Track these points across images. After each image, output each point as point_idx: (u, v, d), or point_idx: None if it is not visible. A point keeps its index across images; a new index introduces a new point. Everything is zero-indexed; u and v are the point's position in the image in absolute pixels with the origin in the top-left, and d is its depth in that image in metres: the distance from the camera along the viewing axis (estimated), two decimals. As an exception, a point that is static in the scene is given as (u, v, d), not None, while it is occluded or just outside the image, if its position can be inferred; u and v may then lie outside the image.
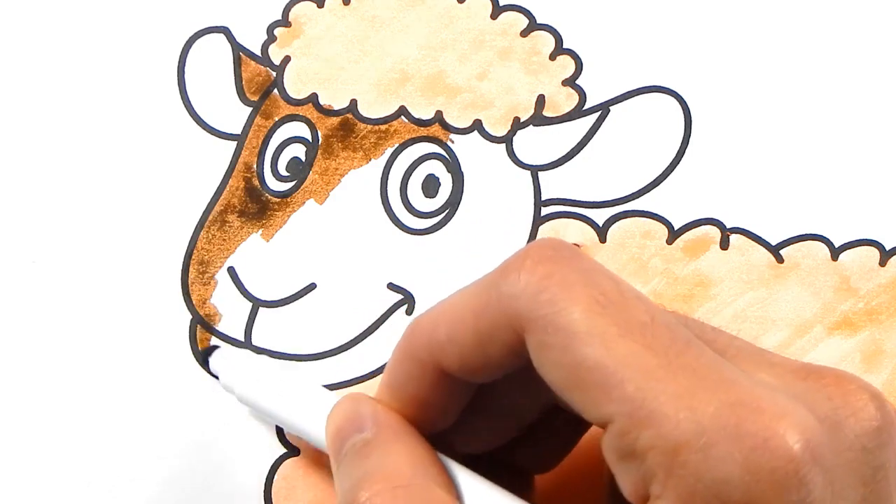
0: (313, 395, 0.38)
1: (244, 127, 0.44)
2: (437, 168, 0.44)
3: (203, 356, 0.43)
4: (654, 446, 0.25)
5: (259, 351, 0.43)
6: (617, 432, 0.26)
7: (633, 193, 0.44)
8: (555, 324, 0.26)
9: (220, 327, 0.43)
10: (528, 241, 0.44)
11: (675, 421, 0.25)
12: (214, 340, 0.43)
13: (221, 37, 0.44)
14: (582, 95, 0.44)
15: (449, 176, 0.44)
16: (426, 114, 0.44)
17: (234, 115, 0.44)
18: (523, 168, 0.44)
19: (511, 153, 0.44)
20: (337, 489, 0.31)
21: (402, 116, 0.44)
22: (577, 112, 0.44)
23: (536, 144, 0.44)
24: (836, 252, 0.44)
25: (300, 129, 0.44)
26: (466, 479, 0.30)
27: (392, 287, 0.43)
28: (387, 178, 0.44)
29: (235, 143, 0.44)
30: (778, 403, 0.25)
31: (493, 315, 0.28)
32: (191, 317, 0.43)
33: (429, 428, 0.31)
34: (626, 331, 0.26)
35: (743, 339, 0.30)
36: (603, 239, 0.44)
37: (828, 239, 0.44)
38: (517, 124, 0.44)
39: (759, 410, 0.25)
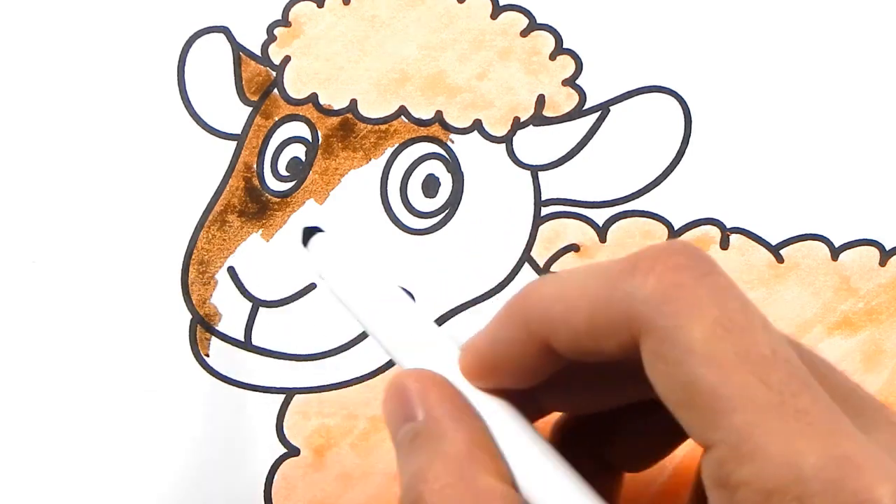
0: (405, 317, 0.34)
1: (244, 127, 0.44)
2: (437, 168, 0.44)
3: (304, 235, 0.38)
4: (750, 483, 0.25)
5: (259, 351, 0.43)
6: (717, 459, 0.25)
7: (633, 193, 0.44)
8: (674, 338, 0.26)
9: (220, 327, 0.43)
10: (528, 241, 0.44)
11: (777, 463, 0.24)
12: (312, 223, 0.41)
13: (221, 37, 0.44)
14: (582, 95, 0.44)
15: (449, 176, 0.44)
16: (426, 114, 0.44)
17: (234, 115, 0.44)
18: (523, 168, 0.44)
19: (511, 153, 0.44)
20: (398, 467, 0.31)
21: (402, 116, 0.44)
22: (577, 112, 0.44)
23: (536, 144, 0.44)
24: (836, 252, 0.44)
25: (300, 129, 0.44)
26: (524, 460, 0.29)
27: (392, 287, 0.43)
28: (387, 178, 0.44)
29: (235, 143, 0.44)
30: (883, 466, 0.25)
31: (613, 311, 0.27)
32: (191, 317, 0.43)
33: (511, 384, 0.30)
34: (745, 360, 0.25)
35: (865, 390, 0.29)
36: (603, 239, 0.44)
37: (828, 239, 0.44)
38: (517, 124, 0.44)
39: (862, 469, 0.24)
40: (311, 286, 0.43)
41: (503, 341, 0.30)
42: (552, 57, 0.44)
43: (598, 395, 0.32)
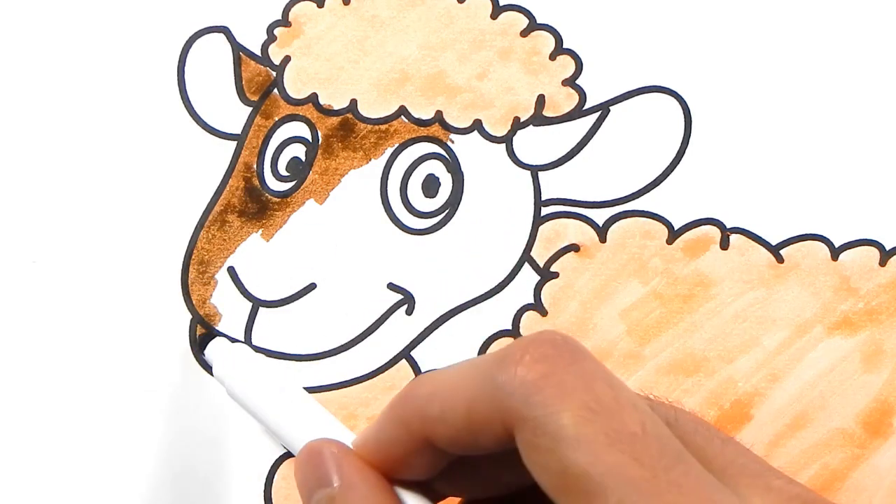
0: (300, 409, 0.37)
1: (244, 127, 0.44)
2: (437, 168, 0.44)
3: (200, 343, 0.43)
4: None
5: (259, 351, 0.43)
6: None
7: (633, 193, 0.44)
8: (544, 427, 0.26)
9: (220, 327, 0.43)
10: (528, 241, 0.44)
11: None
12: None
13: (221, 37, 0.44)
14: (582, 95, 0.44)
15: (449, 176, 0.44)
16: (426, 114, 0.44)
17: (234, 115, 0.44)
18: (523, 168, 0.44)
19: (511, 153, 0.44)
20: None
21: (402, 116, 0.44)
22: (577, 112, 0.44)
23: (536, 144, 0.44)
24: (836, 252, 0.44)
25: (300, 129, 0.44)
26: None
27: (392, 287, 0.43)
28: (387, 178, 0.44)
29: (235, 143, 0.44)
30: None
31: (486, 406, 0.28)
32: (191, 317, 0.43)
33: (404, 476, 0.31)
34: (615, 440, 0.26)
35: (754, 455, 0.30)
36: (603, 239, 0.44)
37: (828, 239, 0.44)
38: (517, 124, 0.44)
39: None
40: (312, 286, 0.43)
41: (387, 441, 0.31)
42: (552, 57, 0.44)
43: (490, 483, 0.32)
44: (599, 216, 0.44)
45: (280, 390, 0.38)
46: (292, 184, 0.44)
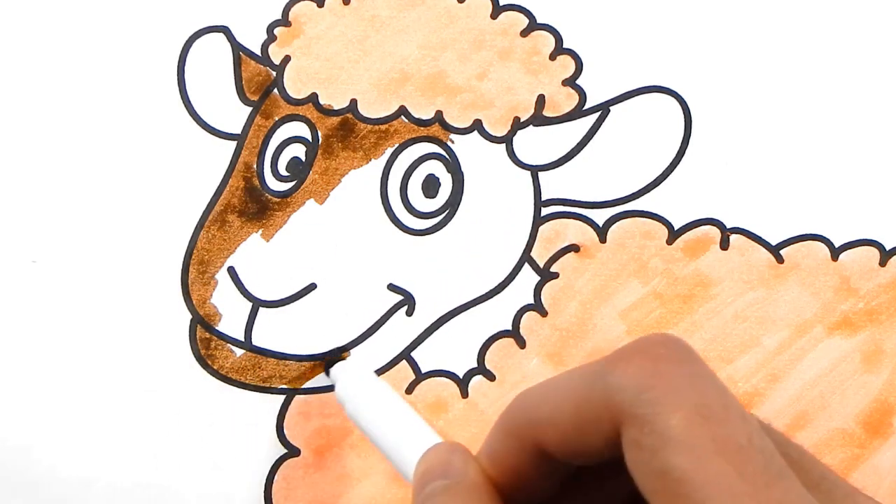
0: (414, 431, 0.37)
1: (244, 127, 0.44)
2: (437, 168, 0.44)
3: (326, 364, 0.43)
4: None
5: (259, 351, 0.43)
6: None
7: (633, 193, 0.44)
8: (652, 425, 0.26)
9: (220, 327, 0.43)
10: (528, 241, 0.44)
11: None
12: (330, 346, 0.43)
13: (221, 36, 0.44)
14: (582, 95, 0.44)
15: (449, 176, 0.44)
16: (426, 114, 0.44)
17: (234, 115, 0.44)
18: (523, 168, 0.44)
19: (511, 153, 0.44)
20: None
21: (402, 116, 0.44)
22: (577, 112, 0.44)
23: (536, 144, 0.44)
24: (836, 252, 0.44)
25: (300, 129, 0.44)
26: None
27: (392, 288, 0.43)
28: (387, 178, 0.44)
29: (235, 142, 0.44)
30: None
31: (595, 404, 0.28)
32: (191, 317, 0.43)
33: (522, 500, 0.31)
34: (721, 449, 0.26)
35: (837, 475, 0.29)
36: (603, 239, 0.44)
37: (828, 239, 0.44)
38: (517, 124, 0.44)
39: None
40: (312, 286, 0.43)
41: (498, 452, 0.31)
42: (552, 57, 0.44)
43: None
44: (599, 216, 0.44)
45: (398, 415, 0.38)
46: (292, 184, 0.44)
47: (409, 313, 0.43)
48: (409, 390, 0.43)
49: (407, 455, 0.35)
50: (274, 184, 0.44)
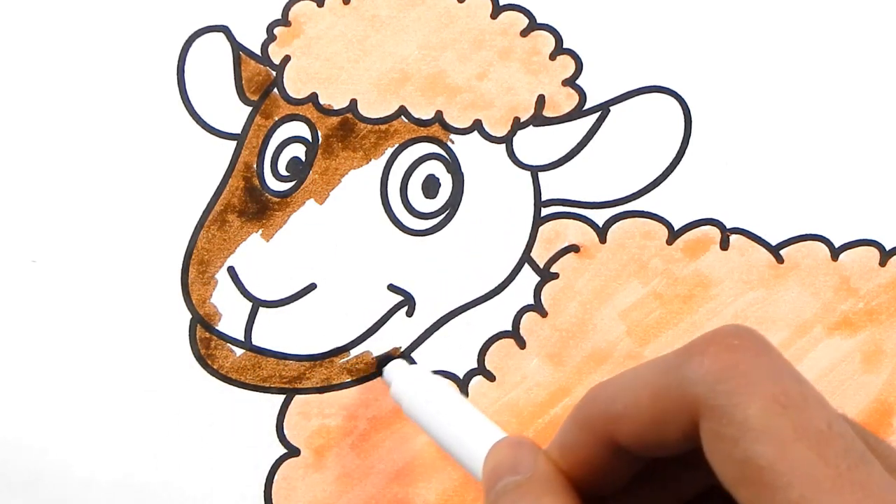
0: (478, 427, 0.37)
1: (244, 126, 0.44)
2: (437, 168, 0.44)
3: (379, 363, 0.43)
4: None
5: (259, 351, 0.43)
6: None
7: (633, 194, 0.44)
8: (731, 416, 0.26)
9: (220, 327, 0.43)
10: (528, 241, 0.44)
11: None
12: (382, 350, 0.44)
13: (221, 36, 0.44)
14: (582, 95, 0.44)
15: (449, 176, 0.44)
16: (426, 114, 0.44)
17: (233, 115, 0.44)
18: (523, 168, 0.44)
19: (511, 153, 0.44)
20: None
21: (402, 116, 0.44)
22: (577, 112, 0.44)
23: (536, 144, 0.44)
24: (836, 252, 0.44)
25: (300, 129, 0.44)
26: None
27: (392, 288, 0.43)
28: (387, 179, 0.44)
29: (235, 142, 0.44)
30: None
31: (672, 397, 0.28)
32: (191, 316, 0.43)
33: (592, 493, 0.31)
34: (801, 435, 0.26)
35: None
36: (603, 239, 0.44)
37: (828, 239, 0.44)
38: (517, 124, 0.44)
39: None
40: (312, 286, 0.43)
41: (572, 445, 0.31)
42: (552, 57, 0.44)
43: (662, 498, 0.32)
44: (599, 217, 0.44)
45: (458, 411, 0.38)
46: (292, 184, 0.44)
47: (409, 313, 0.43)
48: (409, 390, 0.44)
49: (472, 451, 0.35)
50: (274, 184, 0.44)
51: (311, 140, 0.44)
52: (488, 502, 0.32)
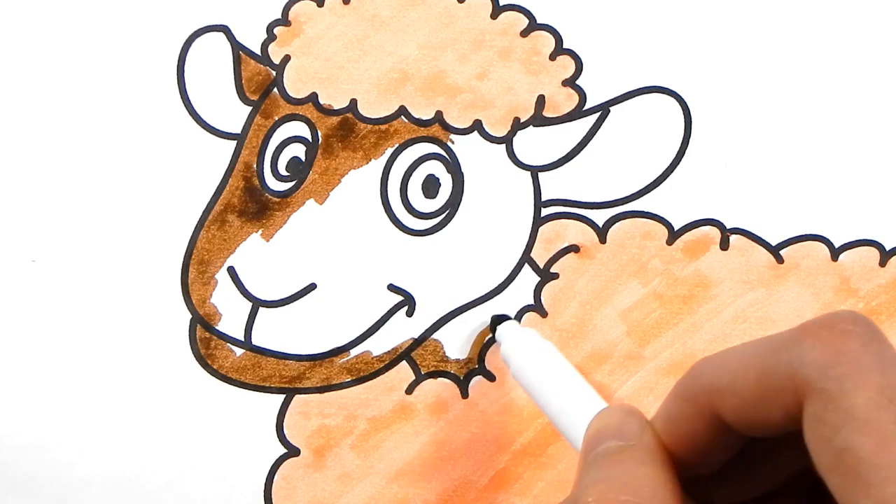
0: (582, 395, 0.37)
1: (244, 126, 0.44)
2: (437, 168, 0.44)
3: (492, 322, 0.43)
4: None
5: (259, 351, 0.43)
6: None
7: (633, 194, 0.44)
8: (836, 402, 0.26)
9: (220, 327, 0.43)
10: (528, 241, 0.44)
11: None
12: (494, 311, 0.44)
13: (221, 35, 0.44)
14: (582, 95, 0.44)
15: (449, 176, 0.44)
16: (426, 114, 0.44)
17: (233, 115, 0.44)
18: (523, 168, 0.44)
19: (511, 153, 0.44)
20: (574, 483, 0.31)
21: (402, 116, 0.44)
22: (577, 112, 0.44)
23: (536, 145, 0.44)
24: (836, 252, 0.44)
25: (300, 129, 0.44)
26: None
27: (392, 288, 0.43)
28: (387, 179, 0.44)
29: (235, 142, 0.44)
30: None
31: (779, 376, 0.28)
32: (191, 316, 0.43)
33: (690, 470, 0.31)
34: None
35: None
36: (603, 240, 0.44)
37: (828, 239, 0.44)
38: (517, 124, 0.44)
39: None
40: (312, 286, 0.43)
41: (675, 418, 0.30)
42: (552, 57, 0.44)
43: (759, 479, 0.32)
44: (599, 217, 0.44)
45: (566, 377, 0.38)
46: (292, 184, 0.44)
47: (410, 313, 0.43)
48: (409, 391, 0.43)
49: (575, 417, 0.35)
50: (274, 183, 0.44)
51: (311, 140, 0.44)
52: (586, 462, 0.31)
